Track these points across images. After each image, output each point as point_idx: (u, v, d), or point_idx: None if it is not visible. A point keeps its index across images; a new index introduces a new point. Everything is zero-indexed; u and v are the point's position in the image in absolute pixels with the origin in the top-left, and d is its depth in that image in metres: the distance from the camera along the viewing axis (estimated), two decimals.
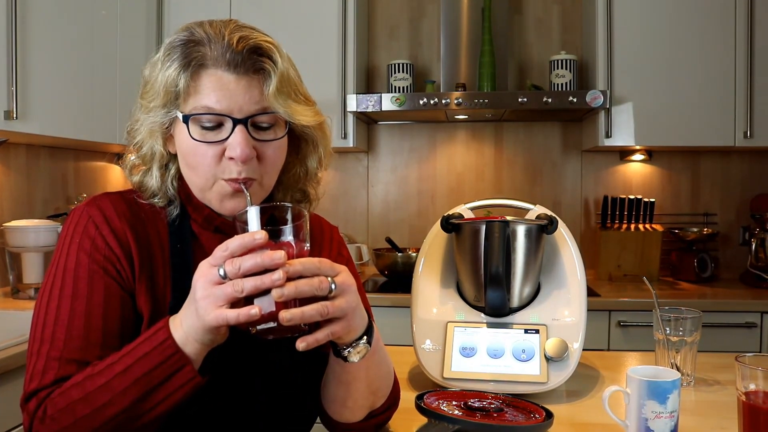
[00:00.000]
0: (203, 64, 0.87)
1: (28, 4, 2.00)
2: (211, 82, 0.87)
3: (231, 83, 0.87)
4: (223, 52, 0.87)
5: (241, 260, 0.74)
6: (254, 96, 0.88)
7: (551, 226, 1.33)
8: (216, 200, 0.92)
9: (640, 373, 0.98)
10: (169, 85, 0.88)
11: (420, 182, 3.12)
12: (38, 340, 0.86)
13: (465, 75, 2.83)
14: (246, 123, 0.88)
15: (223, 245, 0.76)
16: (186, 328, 0.79)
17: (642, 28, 2.61)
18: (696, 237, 2.80)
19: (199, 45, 0.88)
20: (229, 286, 0.74)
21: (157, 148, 0.93)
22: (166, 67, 0.88)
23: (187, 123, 0.88)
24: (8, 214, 2.32)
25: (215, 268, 0.75)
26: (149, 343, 0.80)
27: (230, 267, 0.74)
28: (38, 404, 0.82)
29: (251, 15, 2.68)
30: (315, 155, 1.00)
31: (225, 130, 0.88)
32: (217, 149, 0.88)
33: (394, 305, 2.41)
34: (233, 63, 0.87)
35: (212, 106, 0.87)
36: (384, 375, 0.98)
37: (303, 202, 1.05)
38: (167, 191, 0.96)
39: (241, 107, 0.87)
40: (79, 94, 2.27)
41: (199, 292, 0.76)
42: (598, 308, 2.36)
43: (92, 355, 0.84)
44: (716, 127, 2.59)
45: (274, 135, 0.92)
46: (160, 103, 0.89)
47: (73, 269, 0.88)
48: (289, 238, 0.79)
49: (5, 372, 1.51)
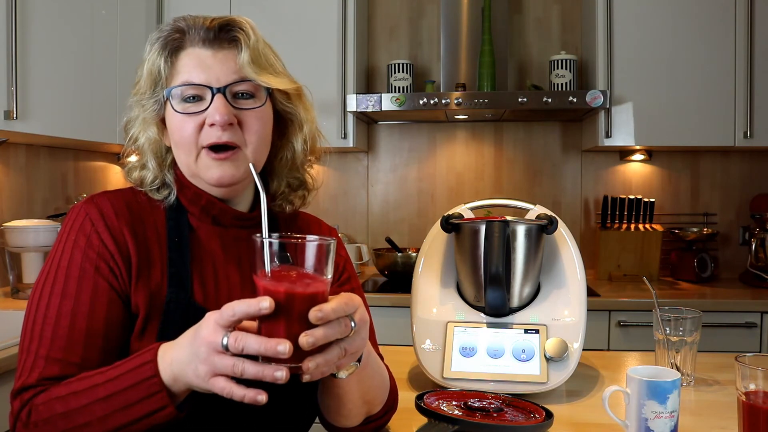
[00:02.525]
0: (181, 46, 0.95)
1: (28, 4, 2.00)
2: (189, 59, 0.94)
3: (208, 58, 0.93)
4: (198, 31, 0.94)
5: (245, 341, 0.71)
6: (231, 66, 0.93)
7: (551, 226, 1.32)
8: (204, 172, 0.94)
9: (640, 373, 0.98)
10: (153, 71, 0.94)
11: (420, 182, 3.12)
12: (28, 336, 0.88)
13: (465, 75, 2.83)
14: (224, 92, 0.92)
15: (230, 308, 0.72)
16: (177, 372, 0.77)
17: (642, 28, 2.61)
18: (696, 237, 2.80)
19: (178, 32, 0.95)
20: (229, 365, 0.72)
21: (151, 136, 0.97)
22: (150, 57, 0.95)
23: (171, 99, 0.93)
24: (8, 214, 2.32)
25: (221, 335, 0.72)
26: (134, 376, 0.78)
27: (233, 343, 0.71)
28: (22, 405, 0.83)
29: (251, 15, 2.65)
30: (300, 135, 1.02)
31: (206, 101, 0.93)
32: (198, 119, 0.93)
33: (394, 305, 2.41)
34: (207, 39, 0.94)
35: (192, 80, 0.93)
36: (377, 385, 0.97)
37: (300, 189, 1.06)
38: (165, 178, 0.99)
39: (218, 78, 0.92)
40: (79, 94, 2.27)
41: (203, 354, 0.73)
42: (598, 308, 2.36)
43: (75, 355, 0.85)
44: (716, 127, 2.59)
45: (254, 104, 0.95)
46: (148, 89, 0.95)
47: (66, 267, 0.89)
48: (313, 271, 0.74)
49: (5, 372, 1.51)
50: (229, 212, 0.98)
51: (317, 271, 0.74)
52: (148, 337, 0.90)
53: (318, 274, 0.74)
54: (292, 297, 0.72)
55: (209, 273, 0.97)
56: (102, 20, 2.40)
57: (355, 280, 1.11)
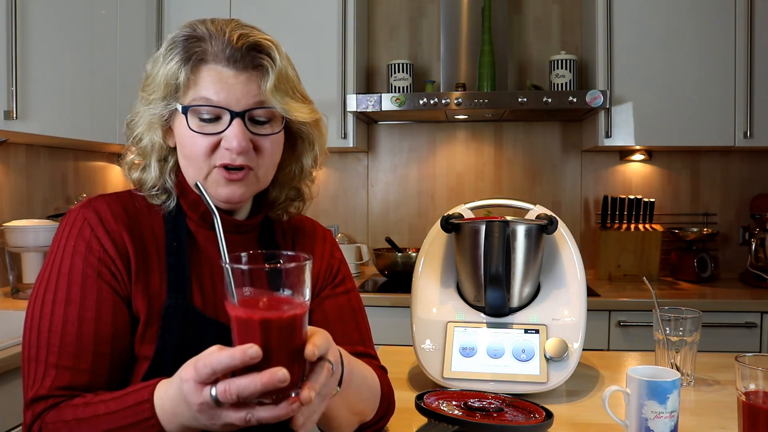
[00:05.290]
0: (203, 59, 0.90)
1: (28, 4, 2.00)
2: (210, 76, 0.89)
3: (230, 78, 0.89)
4: (223, 48, 0.89)
5: (237, 387, 0.65)
6: (252, 90, 0.90)
7: (551, 226, 1.33)
8: (211, 189, 0.92)
9: (640, 373, 0.98)
10: (169, 78, 0.90)
11: (420, 182, 3.12)
12: (34, 345, 0.86)
13: (465, 75, 2.83)
14: (243, 116, 0.90)
15: (207, 366, 0.66)
16: (187, 423, 0.73)
17: (642, 28, 2.61)
18: (696, 237, 2.80)
19: (201, 41, 0.90)
20: (242, 419, 0.67)
21: (156, 140, 0.94)
22: (167, 61, 0.90)
23: (186, 114, 0.90)
24: (8, 214, 2.32)
25: (206, 390, 0.67)
26: (133, 414, 0.76)
27: (224, 394, 0.66)
28: (34, 418, 0.83)
29: (251, 15, 2.67)
30: (311, 154, 1.02)
31: (222, 122, 0.90)
32: (213, 140, 0.90)
33: (394, 305, 2.41)
34: (233, 59, 0.89)
35: (211, 98, 0.89)
36: (365, 398, 0.95)
37: (297, 200, 1.06)
38: (165, 183, 0.97)
39: (238, 101, 0.89)
40: (79, 94, 2.27)
41: (204, 418, 0.69)
42: (598, 308, 2.36)
43: (85, 362, 0.85)
44: (716, 127, 2.59)
45: (271, 129, 0.93)
46: (161, 95, 0.91)
47: (67, 273, 0.88)
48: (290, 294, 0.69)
49: (5, 372, 1.51)
50: (229, 221, 0.97)
51: (294, 294, 0.69)
52: (148, 342, 0.90)
53: (295, 296, 0.69)
54: (268, 325, 0.66)
55: (207, 278, 0.96)
56: (102, 20, 2.40)
57: (350, 281, 1.10)
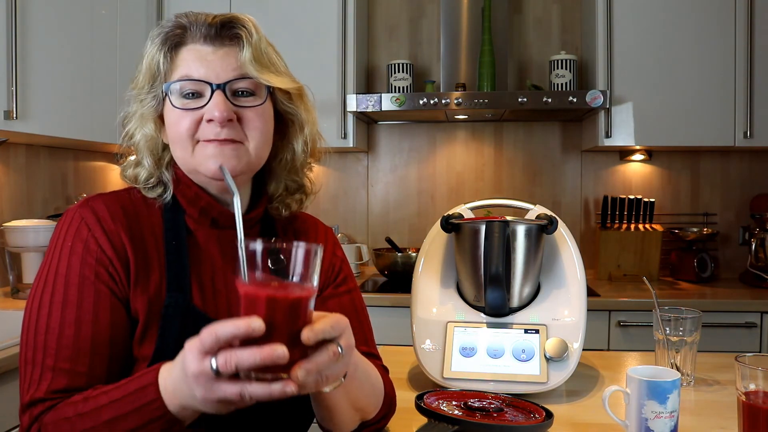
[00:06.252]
0: (181, 42, 0.93)
1: (28, 4, 2.00)
2: (189, 55, 0.92)
3: (209, 54, 0.92)
4: (199, 28, 0.92)
5: (237, 358, 0.65)
6: (231, 63, 0.92)
7: (551, 226, 1.33)
8: (201, 165, 0.91)
9: (640, 373, 0.98)
10: (152, 66, 0.93)
11: (420, 182, 3.12)
12: (31, 347, 0.85)
13: (465, 75, 2.83)
14: (224, 88, 0.91)
15: (211, 333, 0.66)
16: (185, 403, 0.73)
17: (642, 28, 2.61)
18: (696, 237, 2.80)
19: (180, 28, 0.93)
20: (236, 393, 0.67)
21: (148, 133, 0.95)
22: (149, 52, 0.93)
23: (170, 95, 0.92)
24: (8, 214, 2.32)
25: (207, 361, 0.67)
26: (137, 399, 0.75)
27: (224, 364, 0.66)
28: (31, 422, 0.82)
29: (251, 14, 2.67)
30: (300, 137, 1.00)
31: (204, 98, 0.91)
32: (196, 115, 0.91)
33: (394, 305, 2.41)
34: (209, 36, 0.92)
35: (191, 75, 0.91)
36: (368, 394, 0.95)
37: (298, 193, 1.04)
38: (161, 176, 0.96)
39: (218, 74, 0.91)
40: (79, 94, 2.27)
41: (200, 392, 0.69)
42: (598, 308, 2.36)
43: (82, 364, 0.84)
44: (716, 127, 2.59)
45: (254, 101, 0.93)
46: (147, 84, 0.94)
47: (65, 274, 0.87)
48: (298, 279, 0.70)
49: (5, 372, 1.51)
50: (229, 214, 0.96)
51: (303, 279, 0.70)
52: (148, 342, 0.89)
53: (303, 281, 0.70)
54: (273, 304, 0.67)
55: (208, 276, 0.95)
56: (102, 20, 2.40)
57: (351, 280, 1.09)
